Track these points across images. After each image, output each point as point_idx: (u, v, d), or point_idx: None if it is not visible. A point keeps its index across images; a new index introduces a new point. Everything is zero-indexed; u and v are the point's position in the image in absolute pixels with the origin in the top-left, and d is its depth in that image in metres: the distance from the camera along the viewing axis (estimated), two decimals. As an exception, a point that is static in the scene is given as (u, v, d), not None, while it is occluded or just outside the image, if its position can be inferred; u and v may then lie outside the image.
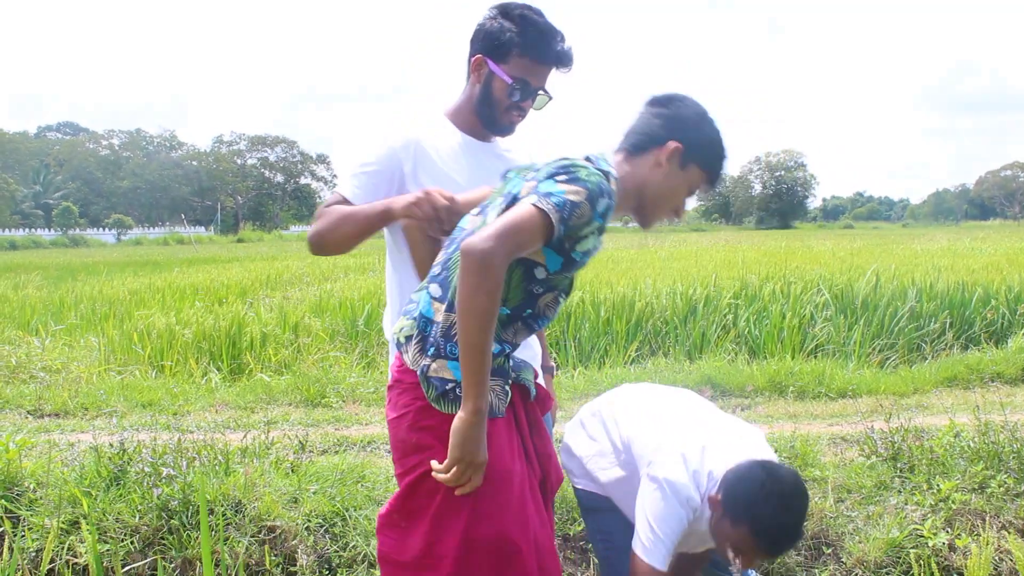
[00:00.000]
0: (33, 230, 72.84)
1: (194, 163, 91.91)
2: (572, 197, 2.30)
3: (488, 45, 2.91)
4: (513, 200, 2.38)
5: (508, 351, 2.48)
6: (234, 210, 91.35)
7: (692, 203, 2.56)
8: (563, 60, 2.94)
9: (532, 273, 2.40)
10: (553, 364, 3.45)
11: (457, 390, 2.35)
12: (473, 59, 2.97)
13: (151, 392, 7.45)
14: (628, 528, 3.13)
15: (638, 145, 2.53)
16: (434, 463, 2.36)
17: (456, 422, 2.30)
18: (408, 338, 2.45)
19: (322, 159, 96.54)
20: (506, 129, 3.03)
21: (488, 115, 3.01)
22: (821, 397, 7.45)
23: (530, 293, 2.43)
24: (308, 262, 24.50)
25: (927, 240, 35.46)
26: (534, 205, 2.28)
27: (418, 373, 2.40)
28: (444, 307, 2.39)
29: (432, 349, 2.39)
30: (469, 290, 2.23)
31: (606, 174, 2.42)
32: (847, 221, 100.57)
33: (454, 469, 2.32)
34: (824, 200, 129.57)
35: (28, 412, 6.94)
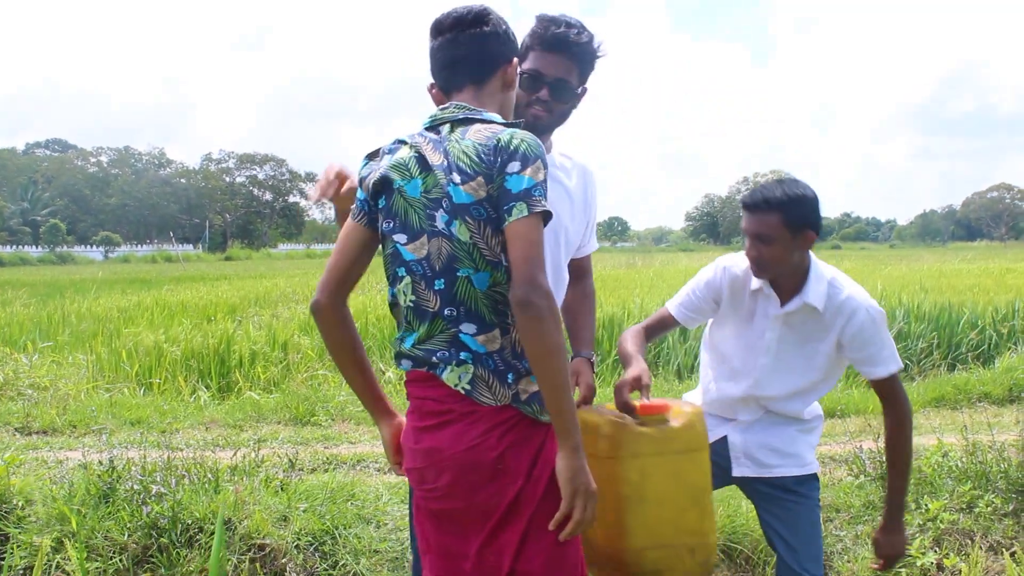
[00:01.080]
0: (21, 247, 72.64)
1: (183, 181, 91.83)
2: (539, 176, 2.27)
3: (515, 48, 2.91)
4: (464, 211, 2.29)
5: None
6: (222, 228, 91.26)
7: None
8: (558, 44, 2.89)
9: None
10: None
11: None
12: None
13: (140, 410, 7.43)
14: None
15: (482, 73, 2.48)
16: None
17: (562, 462, 2.26)
18: (474, 382, 2.34)
19: (311, 177, 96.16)
20: (532, 127, 2.90)
21: (516, 116, 2.95)
22: (835, 415, 7.46)
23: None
24: (297, 280, 24.49)
25: (914, 260, 35.61)
26: (530, 214, 2.23)
27: (511, 402, 2.32)
28: (495, 333, 2.33)
29: (511, 375, 2.33)
30: (546, 335, 2.18)
31: (515, 125, 2.40)
32: (835, 242, 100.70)
33: (576, 507, 2.28)
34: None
35: (16, 430, 6.91)
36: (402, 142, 2.43)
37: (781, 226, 3.00)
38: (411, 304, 2.39)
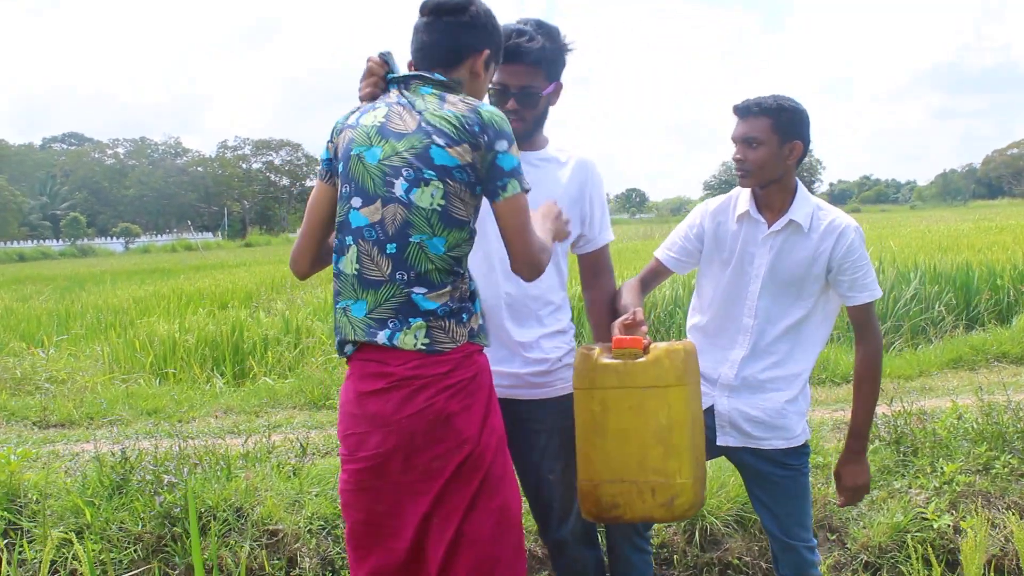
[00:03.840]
0: (41, 241, 72.92)
1: (199, 169, 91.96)
2: (519, 154, 2.48)
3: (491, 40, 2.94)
4: (446, 173, 2.39)
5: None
6: (241, 215, 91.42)
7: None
8: (514, 55, 2.90)
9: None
10: None
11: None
12: None
13: (155, 400, 7.46)
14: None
15: (449, 61, 2.54)
16: None
17: None
18: (430, 333, 2.42)
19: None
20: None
21: None
22: (825, 383, 7.44)
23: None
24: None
25: (934, 221, 35.35)
26: (523, 191, 2.45)
27: (468, 339, 2.46)
28: (447, 289, 2.44)
29: (465, 315, 2.46)
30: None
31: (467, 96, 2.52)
32: (854, 205, 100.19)
33: None
34: (831, 185, 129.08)
35: (33, 423, 6.95)
36: (380, 104, 2.53)
37: (770, 131, 3.05)
38: (355, 272, 2.48)
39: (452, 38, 2.52)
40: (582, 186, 3.12)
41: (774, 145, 3.06)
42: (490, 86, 2.93)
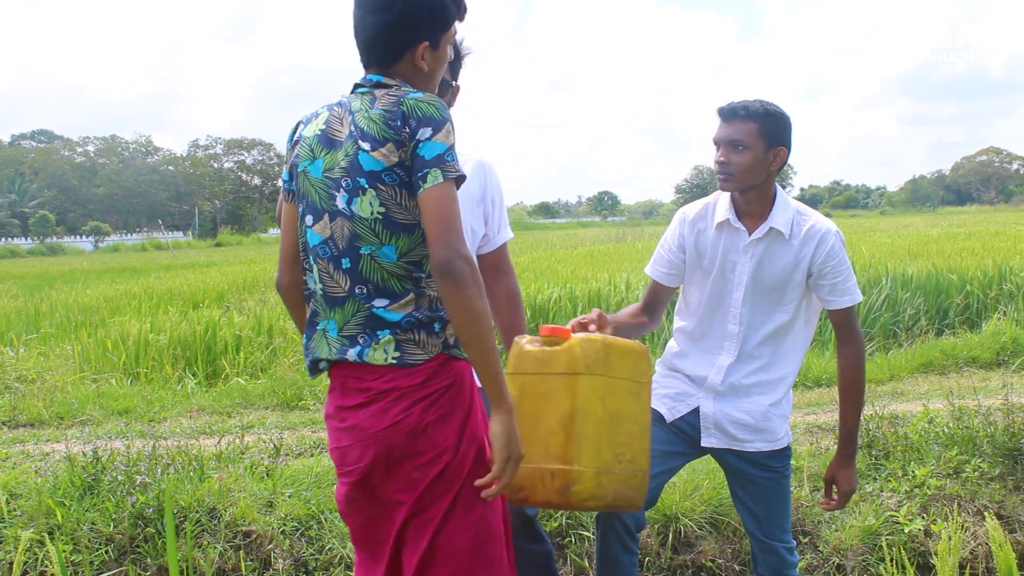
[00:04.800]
0: (10, 239, 72.16)
1: (170, 168, 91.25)
2: (451, 139, 2.29)
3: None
4: (374, 179, 2.29)
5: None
6: (212, 214, 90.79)
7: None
8: None
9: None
10: None
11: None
12: None
13: (127, 399, 7.40)
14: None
15: (386, 58, 2.42)
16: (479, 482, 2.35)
17: (497, 427, 2.30)
18: (400, 346, 2.35)
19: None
20: None
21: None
22: (798, 387, 7.47)
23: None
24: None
25: (904, 227, 35.62)
26: (445, 180, 2.25)
27: (442, 350, 2.36)
28: (410, 297, 2.34)
29: (437, 324, 2.35)
30: (468, 302, 2.21)
31: (405, 87, 2.38)
32: (825, 210, 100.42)
33: (506, 472, 2.32)
34: (802, 190, 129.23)
35: (2, 423, 6.89)
36: (322, 110, 2.46)
37: (757, 135, 3.06)
38: (320, 291, 2.43)
39: (385, 36, 2.40)
40: (483, 186, 3.17)
41: (760, 150, 3.06)
42: None
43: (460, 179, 2.28)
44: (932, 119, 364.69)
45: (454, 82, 3.06)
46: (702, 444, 3.26)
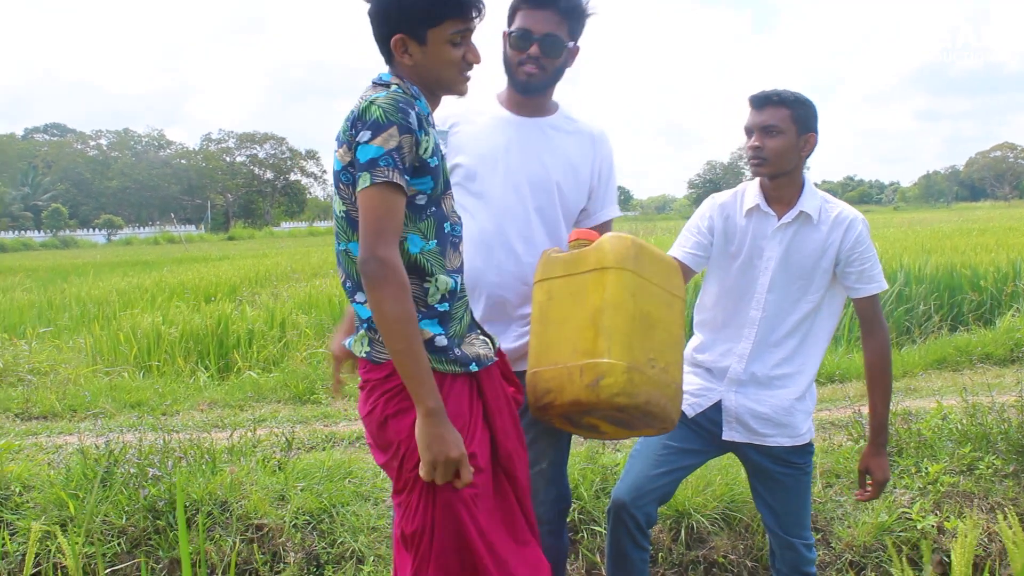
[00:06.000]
0: (23, 232, 72.50)
1: (183, 162, 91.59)
2: (390, 144, 2.27)
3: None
4: (337, 179, 2.40)
5: (461, 283, 2.51)
6: (224, 208, 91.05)
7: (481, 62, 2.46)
8: (544, 0, 2.90)
9: (418, 205, 2.39)
10: None
11: (435, 340, 2.41)
12: (502, 34, 3.03)
13: (139, 392, 7.41)
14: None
15: (384, 52, 2.51)
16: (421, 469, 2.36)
17: (416, 428, 2.30)
18: (371, 343, 2.45)
19: (311, 155, 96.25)
20: (526, 85, 3.01)
21: (510, 76, 3.05)
22: (809, 382, 7.42)
23: (434, 214, 2.43)
24: (297, 258, 24.47)
25: (917, 223, 35.50)
26: (372, 184, 2.26)
27: None
28: None
29: None
30: (378, 303, 2.24)
31: (397, 86, 2.39)
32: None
33: (437, 471, 2.32)
34: (815, 184, 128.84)
35: (16, 415, 6.91)
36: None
37: (789, 120, 3.11)
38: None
39: (375, 32, 2.48)
40: (592, 159, 3.12)
41: (792, 135, 3.11)
42: (512, 30, 2.94)
43: (397, 186, 2.28)
44: (947, 114, 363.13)
45: (570, 43, 3.00)
46: (723, 437, 3.27)
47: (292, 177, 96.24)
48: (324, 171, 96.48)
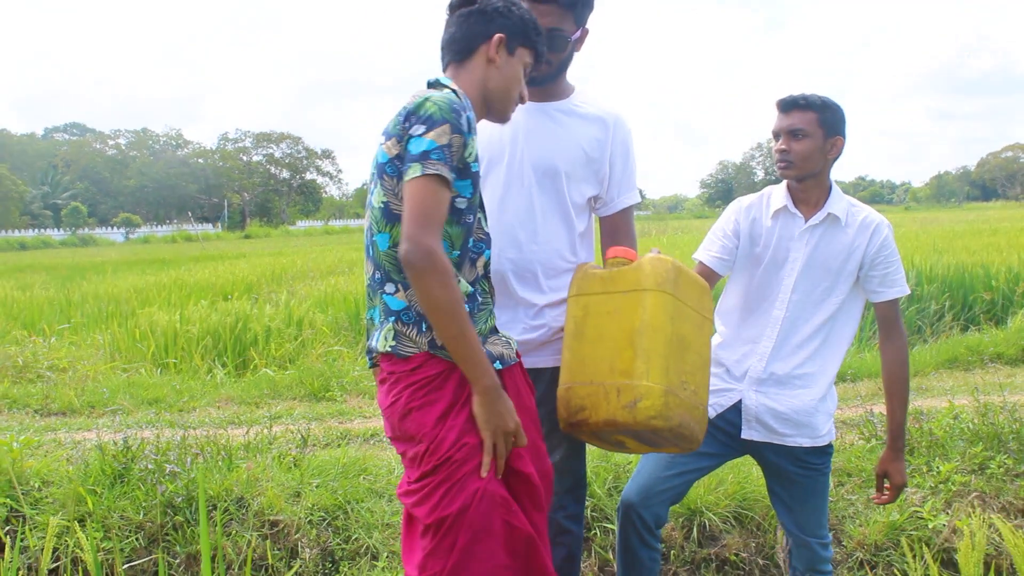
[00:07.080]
0: (42, 230, 72.70)
1: (200, 161, 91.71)
2: (443, 139, 2.34)
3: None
4: (381, 171, 2.45)
5: (478, 292, 2.56)
6: (241, 207, 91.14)
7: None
8: None
9: (457, 208, 2.46)
10: None
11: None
12: None
13: (156, 389, 7.48)
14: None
15: (463, 51, 2.60)
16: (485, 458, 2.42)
17: (476, 407, 2.40)
18: (397, 337, 2.48)
19: (327, 154, 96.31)
20: (531, 80, 2.94)
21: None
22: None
23: (466, 224, 2.50)
24: (313, 256, 24.52)
25: (929, 223, 35.34)
26: (423, 175, 2.32)
27: (427, 348, 2.45)
28: (409, 288, 2.46)
29: (424, 324, 2.45)
30: (427, 291, 2.30)
31: (453, 91, 2.49)
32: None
33: (498, 445, 2.41)
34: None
35: (35, 411, 6.97)
36: None
37: (817, 124, 3.15)
38: (366, 283, 2.62)
39: (463, 29, 2.59)
40: (602, 144, 3.08)
41: (819, 138, 3.15)
42: None
43: (444, 180, 2.34)
44: (959, 114, 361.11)
45: (576, 32, 3.00)
46: (742, 436, 3.29)
47: (308, 176, 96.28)
48: (340, 170, 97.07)
